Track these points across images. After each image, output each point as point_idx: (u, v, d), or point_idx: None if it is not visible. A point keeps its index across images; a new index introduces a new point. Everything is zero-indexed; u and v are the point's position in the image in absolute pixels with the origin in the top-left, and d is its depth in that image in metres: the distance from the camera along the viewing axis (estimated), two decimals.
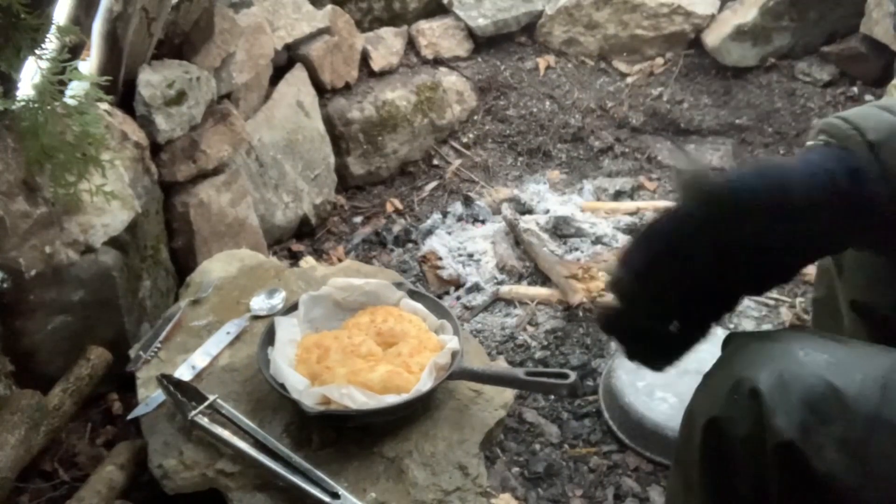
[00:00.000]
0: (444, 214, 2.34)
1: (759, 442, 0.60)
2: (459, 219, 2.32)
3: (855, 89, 2.57)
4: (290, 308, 1.42)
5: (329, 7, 2.43)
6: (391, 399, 1.21)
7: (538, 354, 1.82)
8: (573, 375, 1.21)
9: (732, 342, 0.68)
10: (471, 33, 2.77)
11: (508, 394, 1.35)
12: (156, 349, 1.40)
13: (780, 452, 0.59)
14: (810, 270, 1.94)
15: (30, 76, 1.30)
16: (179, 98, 1.69)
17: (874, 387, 0.60)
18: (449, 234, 2.25)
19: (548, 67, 2.79)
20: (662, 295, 0.69)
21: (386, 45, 2.60)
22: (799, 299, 1.91)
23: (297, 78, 2.33)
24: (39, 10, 1.23)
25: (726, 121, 2.62)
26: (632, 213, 2.29)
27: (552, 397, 1.69)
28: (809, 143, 0.74)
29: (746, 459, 0.61)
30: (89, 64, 1.56)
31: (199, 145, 1.79)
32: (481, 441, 1.26)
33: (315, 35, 2.37)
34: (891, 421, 0.58)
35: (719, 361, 0.67)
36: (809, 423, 0.59)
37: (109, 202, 1.41)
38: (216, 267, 1.61)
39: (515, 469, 1.54)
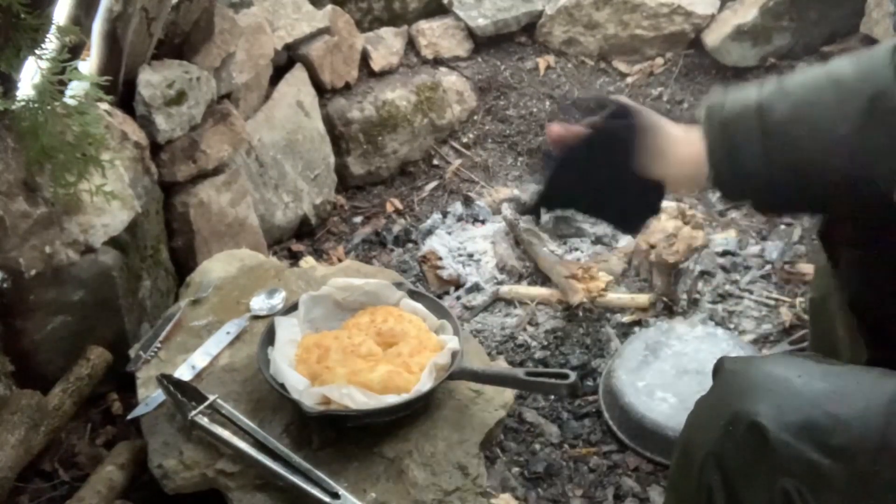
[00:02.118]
0: (444, 214, 2.34)
1: (762, 478, 0.58)
2: (459, 219, 2.32)
3: None
4: (290, 308, 1.42)
5: (329, 7, 2.43)
6: (391, 399, 1.21)
7: (538, 354, 1.82)
8: (573, 375, 1.22)
9: (724, 369, 0.66)
10: (471, 33, 2.77)
11: (508, 394, 1.35)
12: (156, 349, 1.41)
13: (784, 490, 0.57)
14: (810, 270, 1.93)
15: (30, 76, 1.30)
16: (179, 98, 1.69)
17: (877, 416, 0.59)
18: (449, 234, 2.25)
19: (548, 67, 2.79)
20: None
21: (386, 45, 2.60)
22: (799, 299, 1.91)
23: (297, 78, 2.33)
24: (39, 10, 1.23)
25: None
26: None
27: (552, 397, 1.69)
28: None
29: (749, 495, 0.59)
30: (89, 64, 1.56)
31: (199, 145, 1.79)
32: (481, 441, 1.26)
33: (315, 35, 2.37)
34: None
35: (713, 390, 0.65)
36: (812, 457, 0.57)
37: (109, 202, 1.41)
38: (216, 267, 1.61)
39: (515, 469, 1.54)
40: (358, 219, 2.44)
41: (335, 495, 1.13)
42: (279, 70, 2.28)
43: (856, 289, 0.80)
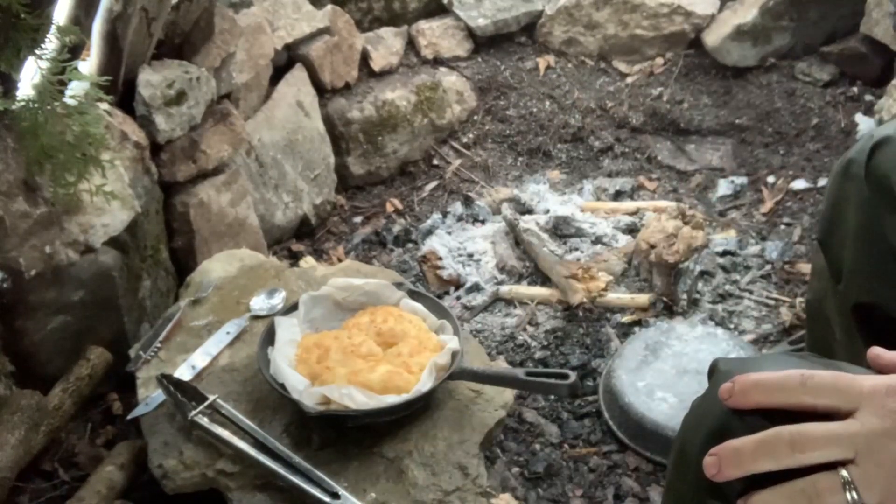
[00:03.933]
0: (444, 214, 2.34)
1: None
2: (459, 219, 2.32)
3: (855, 89, 2.57)
4: (290, 308, 1.42)
5: (329, 7, 2.43)
6: (391, 399, 1.21)
7: (538, 354, 1.82)
8: (573, 375, 1.22)
9: (719, 369, 0.67)
10: (471, 33, 2.77)
11: (508, 394, 1.35)
12: (156, 349, 1.40)
13: None
14: (808, 269, 1.93)
15: (30, 76, 1.30)
16: (179, 98, 1.70)
17: None
18: (449, 234, 2.25)
19: (548, 67, 2.79)
20: None
21: (386, 45, 2.60)
22: (799, 299, 1.91)
23: (297, 78, 2.33)
24: (39, 10, 1.23)
25: (726, 121, 2.62)
26: (632, 213, 2.29)
27: (552, 397, 1.69)
28: None
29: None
30: (89, 64, 1.56)
31: (199, 145, 1.79)
32: (481, 441, 1.26)
33: (315, 35, 2.37)
34: None
35: (708, 391, 0.65)
36: None
37: (109, 202, 1.41)
38: (216, 267, 1.61)
39: (515, 469, 1.54)
40: (358, 219, 2.44)
41: (335, 495, 1.13)
42: (279, 70, 2.28)
43: (865, 292, 0.79)
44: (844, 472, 0.54)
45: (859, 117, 2.48)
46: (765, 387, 0.58)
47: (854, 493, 0.53)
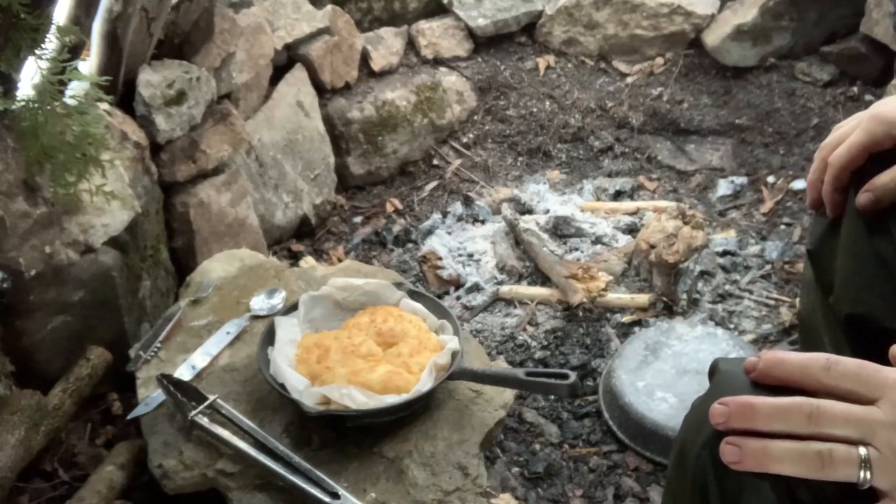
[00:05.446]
0: (444, 214, 2.34)
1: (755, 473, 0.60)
2: (459, 219, 2.32)
3: (855, 89, 2.57)
4: (290, 308, 1.42)
5: (329, 7, 2.43)
6: (391, 399, 1.21)
7: (538, 354, 1.82)
8: (573, 375, 1.22)
9: (719, 370, 0.67)
10: (471, 33, 2.77)
11: (508, 394, 1.35)
12: (156, 349, 1.41)
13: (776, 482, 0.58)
14: None
15: (30, 76, 1.30)
16: (179, 98, 1.70)
17: None
18: (449, 234, 2.25)
19: (548, 67, 2.79)
20: None
21: (386, 45, 2.60)
22: (798, 299, 1.91)
23: (297, 78, 2.33)
24: (39, 10, 1.23)
25: (726, 121, 2.62)
26: (632, 213, 2.29)
27: (552, 397, 1.69)
28: None
29: (742, 484, 0.60)
30: (89, 64, 1.56)
31: (199, 145, 1.79)
32: (481, 441, 1.26)
33: (315, 35, 2.37)
34: None
35: (709, 391, 0.66)
36: None
37: (109, 202, 1.41)
38: (216, 267, 1.61)
39: (515, 469, 1.54)
40: (358, 219, 2.44)
41: (335, 495, 1.14)
42: (279, 70, 2.28)
43: (856, 303, 0.79)
44: (864, 451, 0.54)
45: None
46: (789, 365, 0.58)
47: (867, 473, 0.54)
